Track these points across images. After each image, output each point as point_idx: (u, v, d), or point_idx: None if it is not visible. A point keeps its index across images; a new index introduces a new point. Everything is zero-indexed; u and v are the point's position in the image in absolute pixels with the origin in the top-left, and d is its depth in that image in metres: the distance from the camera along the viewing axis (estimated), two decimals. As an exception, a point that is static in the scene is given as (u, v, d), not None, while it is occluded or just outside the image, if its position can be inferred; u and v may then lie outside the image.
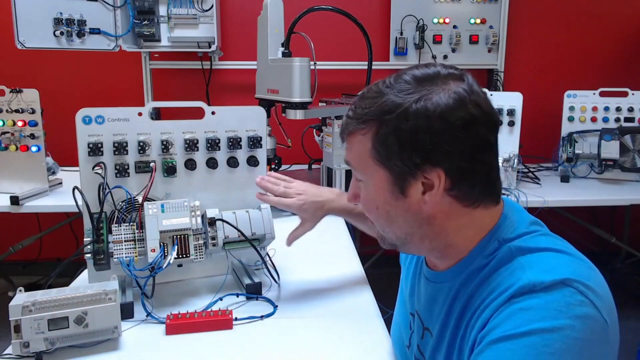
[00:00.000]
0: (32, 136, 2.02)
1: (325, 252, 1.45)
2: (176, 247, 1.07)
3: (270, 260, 1.23)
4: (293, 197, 1.14)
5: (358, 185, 0.79)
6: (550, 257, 0.66)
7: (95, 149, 1.10)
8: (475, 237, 0.73)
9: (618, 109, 2.46)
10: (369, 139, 0.71)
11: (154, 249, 1.05)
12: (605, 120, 2.47)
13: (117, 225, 1.08)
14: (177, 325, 1.00)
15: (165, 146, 1.16)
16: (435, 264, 0.82)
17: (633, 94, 2.44)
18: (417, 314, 0.86)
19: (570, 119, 2.50)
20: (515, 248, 0.69)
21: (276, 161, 2.14)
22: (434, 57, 2.77)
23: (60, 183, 2.19)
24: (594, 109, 2.48)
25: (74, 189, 1.07)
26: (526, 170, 2.45)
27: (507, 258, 0.68)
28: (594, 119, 2.48)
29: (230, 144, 1.21)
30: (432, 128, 0.66)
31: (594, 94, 2.49)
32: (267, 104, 2.07)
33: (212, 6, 2.48)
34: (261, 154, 1.25)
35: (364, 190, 0.77)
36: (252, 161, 1.24)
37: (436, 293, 0.80)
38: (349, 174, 2.06)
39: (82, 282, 1.20)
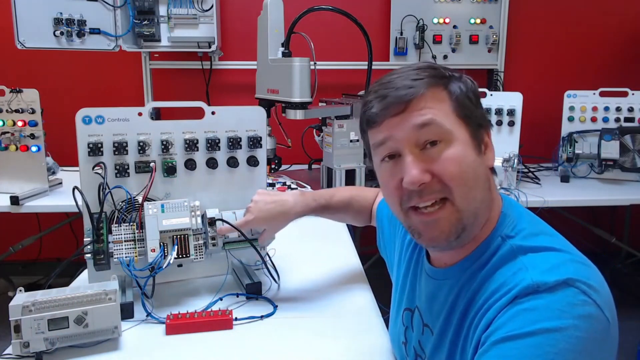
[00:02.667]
0: (32, 136, 2.02)
1: (325, 252, 1.45)
2: (176, 247, 1.07)
3: (270, 260, 1.23)
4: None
5: (430, 155, 0.70)
6: (551, 257, 0.67)
7: (95, 149, 1.10)
8: (488, 224, 0.75)
9: (618, 109, 2.45)
10: (446, 97, 0.72)
11: (154, 249, 1.05)
12: (605, 120, 2.47)
13: (117, 225, 1.08)
14: (177, 325, 1.00)
15: (165, 146, 1.16)
16: (438, 260, 0.82)
17: (633, 94, 2.44)
18: (417, 310, 0.86)
19: (570, 119, 2.50)
20: (517, 247, 0.70)
21: (276, 161, 2.14)
22: (434, 57, 2.77)
23: (60, 183, 2.19)
24: (594, 109, 2.48)
25: (74, 189, 1.07)
26: (526, 170, 2.45)
27: (510, 257, 0.69)
28: (594, 119, 2.48)
29: (230, 144, 1.21)
30: (478, 94, 0.76)
31: (594, 94, 2.49)
32: (267, 104, 2.07)
33: (212, 6, 2.48)
34: (261, 154, 1.25)
35: (447, 151, 0.70)
36: (252, 161, 1.24)
37: (437, 290, 0.80)
38: (349, 174, 2.06)
39: (82, 282, 1.20)
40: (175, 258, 1.06)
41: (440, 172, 0.70)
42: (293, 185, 2.02)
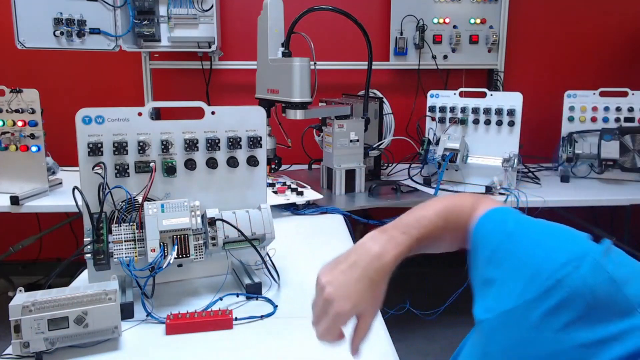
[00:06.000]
0: (32, 136, 2.02)
1: (326, 253, 1.44)
2: (176, 247, 1.07)
3: (270, 260, 1.23)
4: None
5: None
6: None
7: (95, 149, 1.10)
8: None
9: (618, 109, 2.46)
10: None
11: (154, 249, 1.05)
12: (605, 120, 2.47)
13: (117, 225, 1.08)
14: (177, 325, 1.00)
15: (165, 146, 1.16)
16: None
17: (633, 94, 2.44)
18: None
19: (570, 119, 2.50)
20: None
21: (276, 161, 2.14)
22: (433, 57, 2.77)
23: (60, 183, 2.19)
24: (594, 109, 2.48)
25: (74, 189, 1.07)
26: (526, 170, 2.45)
27: None
28: (594, 119, 2.48)
29: (230, 144, 1.21)
30: None
31: (594, 94, 2.49)
32: (267, 104, 2.07)
33: (212, 6, 2.49)
34: (261, 154, 1.25)
35: None
36: (252, 161, 1.24)
37: None
38: (349, 174, 2.06)
39: (82, 282, 1.20)
40: (175, 258, 1.06)
41: None
42: (293, 185, 2.02)
